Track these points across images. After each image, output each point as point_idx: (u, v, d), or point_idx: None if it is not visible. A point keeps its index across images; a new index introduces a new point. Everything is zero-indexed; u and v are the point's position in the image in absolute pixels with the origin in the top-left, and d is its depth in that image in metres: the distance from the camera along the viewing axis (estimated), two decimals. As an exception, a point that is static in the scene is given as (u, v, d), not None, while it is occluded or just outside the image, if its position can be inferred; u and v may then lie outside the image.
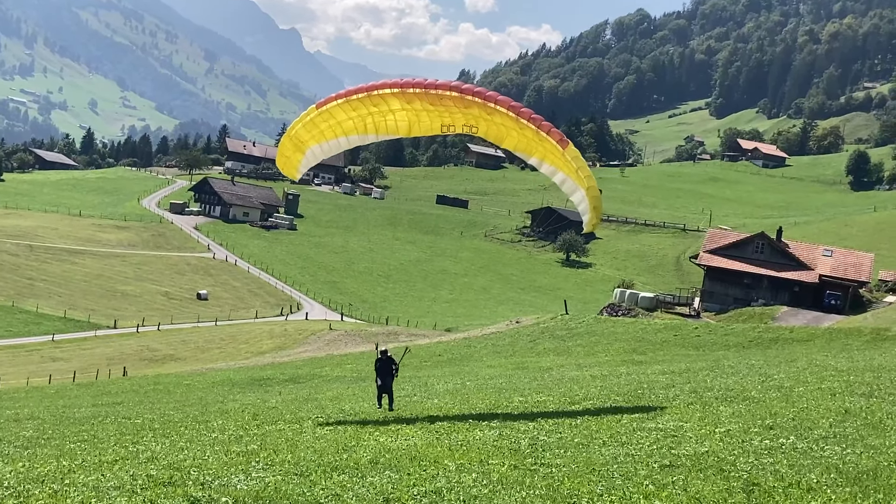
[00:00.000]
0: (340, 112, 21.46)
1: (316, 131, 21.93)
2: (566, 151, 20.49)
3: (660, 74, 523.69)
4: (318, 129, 21.92)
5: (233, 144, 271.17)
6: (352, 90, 21.35)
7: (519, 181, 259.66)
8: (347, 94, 21.37)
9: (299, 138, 22.25)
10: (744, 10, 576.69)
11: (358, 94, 21.23)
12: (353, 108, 21.26)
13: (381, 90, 20.98)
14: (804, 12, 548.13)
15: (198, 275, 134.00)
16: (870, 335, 44.58)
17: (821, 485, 11.95)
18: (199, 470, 14.73)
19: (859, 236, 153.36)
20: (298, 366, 54.02)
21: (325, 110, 21.55)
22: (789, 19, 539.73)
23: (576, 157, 20.68)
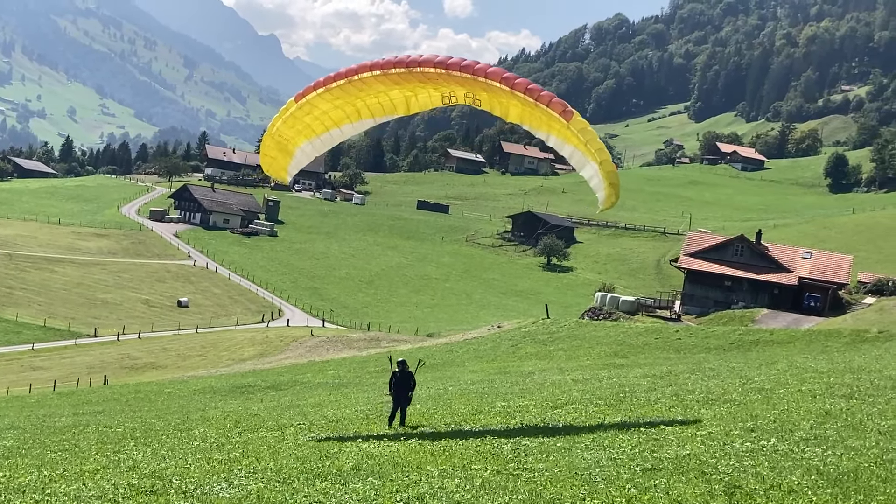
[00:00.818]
0: (324, 102, 20.02)
1: (301, 126, 20.55)
2: (571, 123, 18.70)
3: (639, 79, 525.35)
4: (302, 123, 20.52)
5: (213, 151, 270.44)
6: (330, 77, 19.87)
7: (499, 186, 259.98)
8: (326, 83, 19.82)
9: (283, 136, 20.88)
10: (721, 14, 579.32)
11: (338, 81, 19.66)
12: (335, 95, 19.82)
13: (360, 74, 19.41)
14: (781, 16, 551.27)
15: (178, 282, 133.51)
16: (849, 337, 44.81)
17: (802, 486, 12.01)
18: (182, 478, 14.69)
19: (838, 238, 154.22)
20: (280, 372, 53.90)
21: (307, 102, 20.09)
22: (766, 23, 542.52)
23: (583, 129, 18.82)
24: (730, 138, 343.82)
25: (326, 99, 19.87)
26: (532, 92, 18.51)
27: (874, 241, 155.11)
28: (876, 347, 37.51)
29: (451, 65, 18.69)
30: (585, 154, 18.97)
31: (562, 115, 18.42)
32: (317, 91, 19.86)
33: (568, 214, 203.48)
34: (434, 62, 18.72)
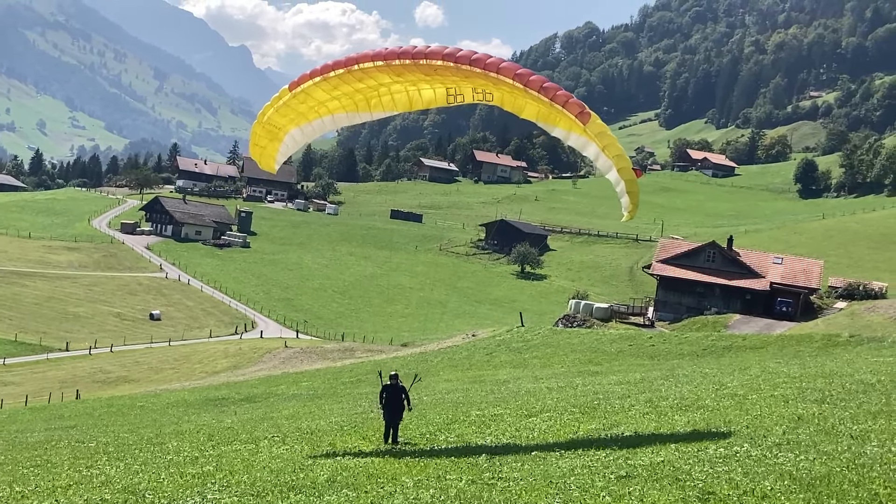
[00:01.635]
0: (320, 92, 18.96)
1: (293, 114, 19.51)
2: (588, 126, 17.77)
3: (609, 87, 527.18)
4: (295, 111, 19.49)
5: (184, 163, 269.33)
6: (328, 66, 18.67)
7: (473, 194, 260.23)
8: (324, 71, 18.67)
9: (274, 124, 19.80)
10: (690, 21, 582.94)
11: (336, 70, 18.54)
12: (333, 86, 18.78)
13: (361, 63, 18.29)
14: (750, 23, 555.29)
15: (150, 295, 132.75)
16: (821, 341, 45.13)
17: (775, 492, 12.06)
18: (154, 493, 14.60)
19: (809, 244, 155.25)
20: (254, 385, 53.70)
21: (302, 91, 18.98)
22: (735, 30, 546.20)
23: (601, 132, 17.88)
24: (700, 145, 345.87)
25: (324, 88, 18.90)
26: (547, 91, 17.69)
27: (844, 245, 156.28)
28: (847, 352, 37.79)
29: (461, 58, 17.75)
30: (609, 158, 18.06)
31: (578, 116, 17.69)
32: (313, 80, 18.84)
33: (541, 222, 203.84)
34: (442, 54, 17.81)
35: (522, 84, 17.48)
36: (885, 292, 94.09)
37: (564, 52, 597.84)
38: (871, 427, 16.54)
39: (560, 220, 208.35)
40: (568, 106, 17.53)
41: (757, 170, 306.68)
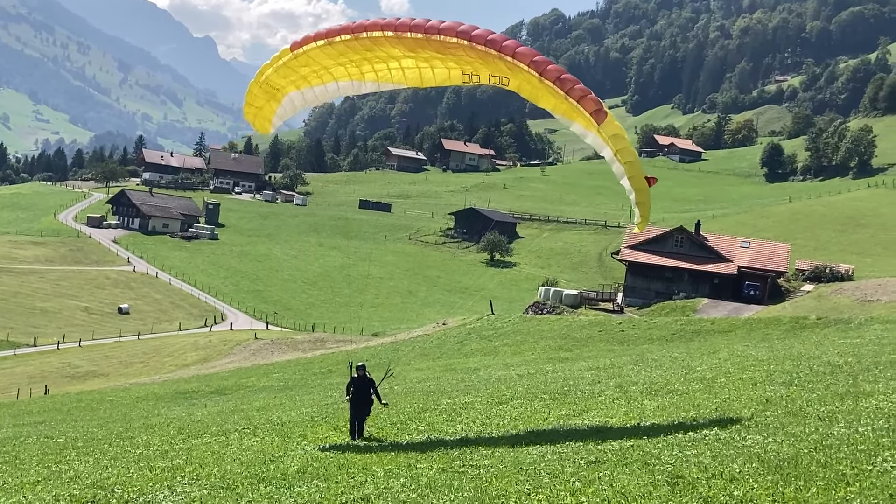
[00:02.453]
0: (324, 57, 17.81)
1: (295, 77, 18.33)
2: (602, 127, 16.83)
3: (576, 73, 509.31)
4: (297, 73, 18.31)
5: (150, 155, 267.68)
6: (333, 30, 17.52)
7: (441, 183, 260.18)
8: (329, 35, 17.48)
9: (272, 84, 18.59)
10: (656, 7, 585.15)
11: (342, 36, 17.39)
12: (339, 52, 17.62)
13: (370, 32, 17.16)
14: (715, 8, 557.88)
15: (118, 289, 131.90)
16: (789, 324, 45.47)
17: (743, 474, 12.13)
18: (124, 487, 14.51)
19: (775, 227, 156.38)
20: (224, 377, 53.49)
21: (304, 53, 17.74)
22: (700, 15, 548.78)
23: (616, 135, 16.99)
24: (667, 131, 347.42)
25: (329, 54, 17.73)
26: (564, 83, 16.72)
27: (811, 228, 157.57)
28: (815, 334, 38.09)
29: (476, 37, 16.64)
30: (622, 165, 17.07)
31: (593, 115, 16.71)
32: (317, 43, 17.65)
33: (510, 210, 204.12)
34: (457, 31, 16.71)
35: (538, 72, 16.58)
36: (851, 274, 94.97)
37: (531, 39, 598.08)
38: (838, 408, 16.67)
39: (529, 208, 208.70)
40: (584, 102, 16.62)
41: (723, 154, 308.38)
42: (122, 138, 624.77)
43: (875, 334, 32.68)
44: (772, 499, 10.76)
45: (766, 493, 10.98)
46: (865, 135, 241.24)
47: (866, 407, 16.32)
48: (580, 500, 11.53)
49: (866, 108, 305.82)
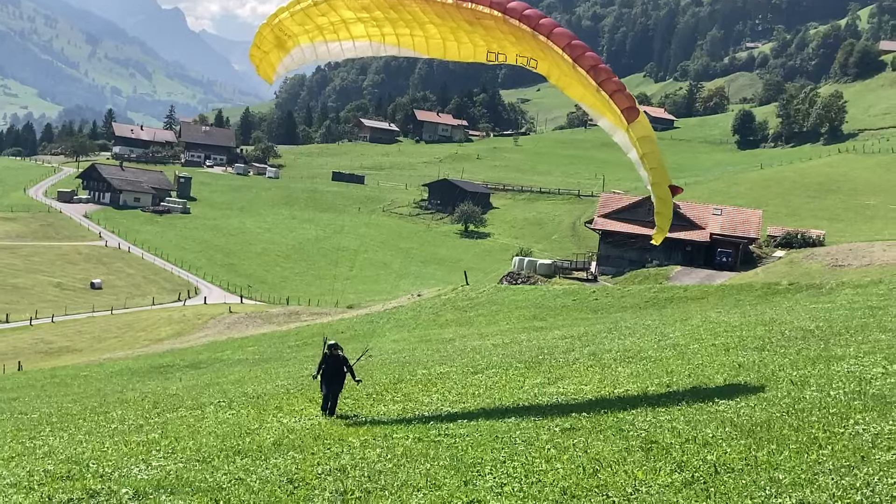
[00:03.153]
0: (345, 9, 16.71)
1: (311, 26, 17.05)
2: (632, 126, 15.83)
3: None
4: (313, 23, 17.04)
5: (120, 129, 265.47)
6: None
7: (414, 154, 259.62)
8: None
9: (284, 30, 17.29)
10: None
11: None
12: (363, 6, 16.59)
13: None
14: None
15: (90, 264, 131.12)
16: (761, 290, 45.73)
17: (716, 439, 12.24)
18: (99, 462, 14.48)
19: (747, 194, 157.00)
20: (199, 351, 53.38)
21: (325, 1, 16.62)
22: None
23: (645, 136, 15.96)
24: (639, 99, 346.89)
25: (351, 7, 16.66)
26: (598, 73, 15.74)
27: (782, 195, 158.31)
28: (787, 299, 38.33)
29: (511, 9, 15.65)
30: (646, 170, 16.23)
31: (625, 112, 15.74)
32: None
33: (483, 180, 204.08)
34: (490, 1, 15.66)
35: (572, 57, 15.58)
36: (822, 240, 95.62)
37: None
38: (810, 372, 16.82)
39: (502, 178, 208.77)
40: (616, 97, 15.68)
41: (695, 122, 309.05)
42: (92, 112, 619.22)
43: (846, 299, 32.94)
44: (745, 462, 10.87)
45: (739, 457, 11.09)
46: (836, 101, 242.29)
47: (838, 371, 16.48)
48: (555, 466, 11.60)
49: (837, 74, 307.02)
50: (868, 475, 9.77)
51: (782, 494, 9.42)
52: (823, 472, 10.10)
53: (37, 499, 12.06)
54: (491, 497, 10.54)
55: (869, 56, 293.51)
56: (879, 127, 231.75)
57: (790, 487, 9.66)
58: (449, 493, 10.79)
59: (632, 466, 11.26)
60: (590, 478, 10.94)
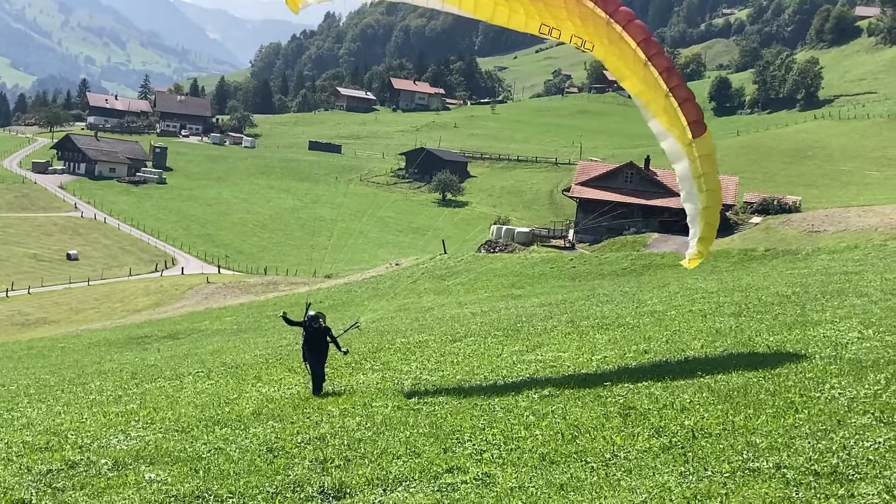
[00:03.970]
0: None
1: None
2: (696, 142, 15.02)
3: None
4: None
5: (94, 99, 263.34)
6: None
7: (391, 123, 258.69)
8: None
9: None
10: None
11: None
12: None
13: None
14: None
15: (66, 235, 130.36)
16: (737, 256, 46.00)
17: (694, 404, 12.31)
18: (77, 433, 14.46)
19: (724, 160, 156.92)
20: (177, 321, 53.24)
21: None
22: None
23: (707, 155, 15.26)
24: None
25: None
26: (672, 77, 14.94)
27: (759, 161, 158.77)
28: (763, 265, 38.56)
29: None
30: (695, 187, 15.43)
31: (691, 125, 15.00)
32: None
33: (461, 149, 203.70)
34: None
35: (646, 55, 14.73)
36: (798, 206, 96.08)
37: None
38: (786, 338, 16.93)
39: (480, 147, 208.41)
40: (685, 106, 14.91)
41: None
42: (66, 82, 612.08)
43: (822, 264, 33.15)
44: (722, 427, 10.95)
45: (716, 422, 11.17)
46: (812, 67, 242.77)
47: (814, 336, 16.60)
48: (534, 433, 11.66)
49: (812, 40, 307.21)
50: (844, 439, 9.85)
51: (759, 458, 9.50)
52: (800, 435, 10.19)
53: (15, 470, 12.03)
54: (470, 464, 10.58)
55: (845, 22, 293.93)
56: (855, 93, 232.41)
57: (767, 451, 9.73)
58: (428, 461, 10.84)
59: (610, 432, 11.32)
60: (568, 444, 11.00)
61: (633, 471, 9.71)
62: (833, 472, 8.83)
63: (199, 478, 10.96)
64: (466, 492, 9.64)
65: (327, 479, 10.43)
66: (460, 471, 10.36)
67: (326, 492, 10.09)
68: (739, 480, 8.91)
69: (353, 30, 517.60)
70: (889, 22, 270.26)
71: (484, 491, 9.60)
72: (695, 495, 8.56)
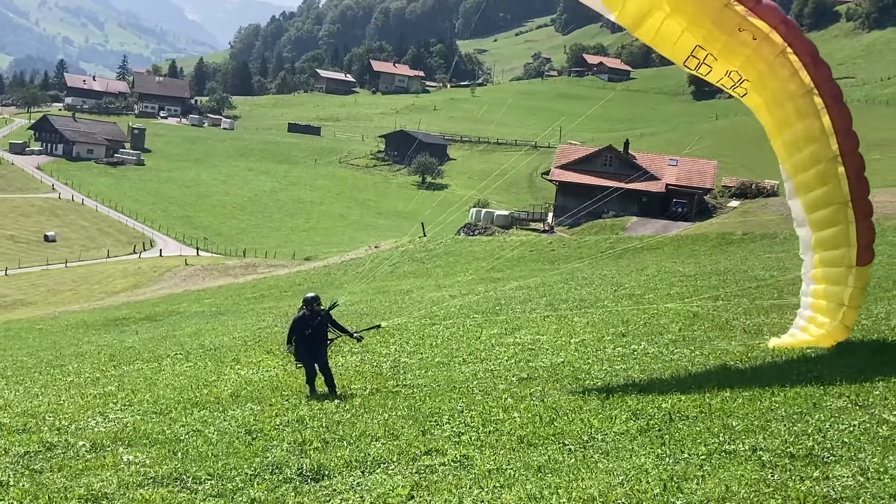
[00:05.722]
0: None
1: None
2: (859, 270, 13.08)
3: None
4: None
5: (72, 80, 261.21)
6: None
7: (371, 105, 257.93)
8: None
9: None
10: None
11: None
12: None
13: None
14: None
15: (44, 216, 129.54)
16: (715, 240, 46.18)
17: (671, 387, 12.38)
18: (55, 415, 14.41)
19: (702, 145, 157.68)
20: (155, 304, 53.07)
21: None
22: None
23: (863, 286, 13.37)
24: (596, 50, 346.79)
25: None
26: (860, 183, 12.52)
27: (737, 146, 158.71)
28: (741, 249, 38.75)
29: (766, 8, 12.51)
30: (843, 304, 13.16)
31: (862, 249, 12.92)
32: None
33: (440, 132, 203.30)
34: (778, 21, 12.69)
35: (843, 149, 12.43)
36: (776, 190, 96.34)
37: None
38: (763, 321, 17.04)
39: (459, 129, 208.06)
40: (862, 226, 12.81)
41: (651, 73, 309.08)
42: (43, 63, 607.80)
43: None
44: (699, 410, 11.01)
45: (693, 405, 11.23)
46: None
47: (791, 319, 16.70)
48: (512, 415, 11.70)
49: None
50: (819, 421, 9.94)
51: (735, 441, 9.56)
52: (776, 418, 10.26)
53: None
54: (449, 446, 10.61)
55: (824, 6, 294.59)
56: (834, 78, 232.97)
57: (743, 434, 9.80)
58: (407, 443, 10.86)
59: (588, 415, 11.37)
60: (546, 426, 11.05)
61: (611, 453, 9.76)
62: (808, 454, 8.90)
63: (178, 460, 10.94)
64: (444, 474, 9.67)
65: (306, 461, 10.44)
66: (438, 453, 10.38)
67: (305, 474, 10.10)
68: (716, 462, 8.97)
69: (333, 11, 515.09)
70: (868, 7, 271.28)
71: (462, 473, 9.63)
72: (671, 477, 8.61)
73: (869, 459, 8.57)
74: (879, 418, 9.89)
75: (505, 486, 8.98)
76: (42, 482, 10.38)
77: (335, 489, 9.56)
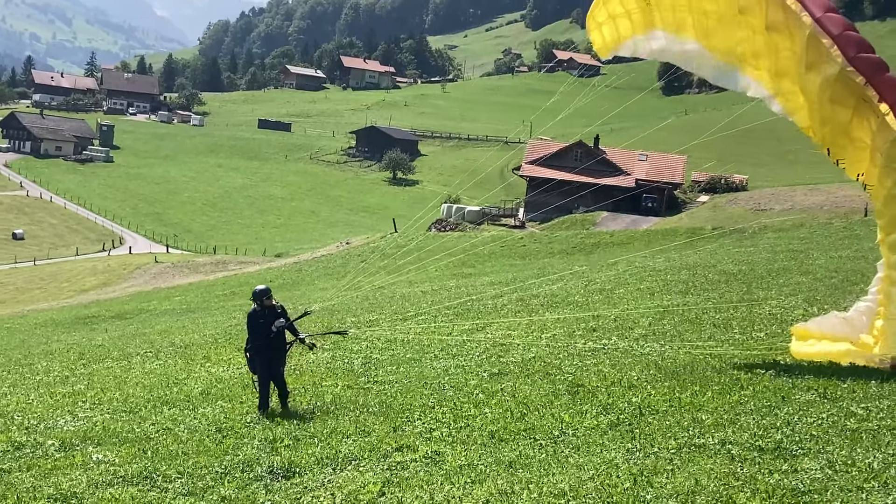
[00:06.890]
0: None
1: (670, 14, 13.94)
2: None
3: None
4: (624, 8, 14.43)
5: (39, 76, 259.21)
6: None
7: (341, 101, 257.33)
8: None
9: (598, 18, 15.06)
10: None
11: None
12: None
13: None
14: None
15: (11, 214, 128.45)
16: (685, 235, 46.39)
17: (641, 381, 12.44)
18: (24, 414, 14.31)
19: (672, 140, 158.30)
20: (124, 301, 52.73)
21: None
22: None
23: None
24: (566, 45, 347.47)
25: None
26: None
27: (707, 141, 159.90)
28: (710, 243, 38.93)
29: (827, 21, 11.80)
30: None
31: None
32: None
33: (411, 127, 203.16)
34: None
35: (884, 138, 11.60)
36: (745, 184, 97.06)
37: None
38: (732, 315, 17.15)
39: (430, 125, 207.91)
40: None
41: (621, 68, 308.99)
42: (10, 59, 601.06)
43: (768, 242, 33.57)
44: (669, 404, 11.07)
45: (663, 399, 11.29)
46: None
47: (759, 313, 16.82)
48: (483, 411, 11.71)
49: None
50: (788, 415, 10.01)
51: (705, 435, 9.62)
52: (745, 412, 10.33)
53: (-40, 453, 11.88)
54: (420, 442, 10.61)
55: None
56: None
57: (713, 427, 9.86)
58: (378, 440, 10.85)
59: (559, 410, 11.40)
60: (517, 421, 11.07)
61: (582, 448, 9.79)
62: (777, 447, 8.97)
63: (147, 458, 10.89)
64: (416, 470, 9.67)
65: (276, 459, 10.42)
66: (410, 449, 10.39)
67: (276, 471, 10.08)
68: (685, 456, 9.02)
69: (303, 7, 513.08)
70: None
71: (433, 469, 9.64)
72: (641, 471, 8.65)
73: (837, 452, 8.65)
74: (847, 411, 9.98)
75: (476, 482, 8.99)
76: (10, 482, 10.30)
77: (306, 486, 9.55)
